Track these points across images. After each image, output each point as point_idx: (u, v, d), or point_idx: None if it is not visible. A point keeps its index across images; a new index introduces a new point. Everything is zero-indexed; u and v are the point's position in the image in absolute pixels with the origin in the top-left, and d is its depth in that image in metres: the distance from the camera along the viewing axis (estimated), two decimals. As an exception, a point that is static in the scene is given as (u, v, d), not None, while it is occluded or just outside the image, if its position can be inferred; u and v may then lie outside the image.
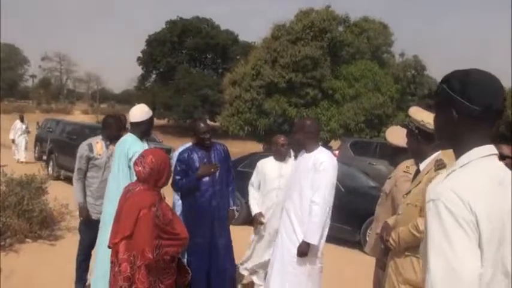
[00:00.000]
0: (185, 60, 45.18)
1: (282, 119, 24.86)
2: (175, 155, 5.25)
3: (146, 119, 4.47)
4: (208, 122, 9.64)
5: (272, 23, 27.21)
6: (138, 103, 4.69)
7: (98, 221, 4.84)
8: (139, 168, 2.93)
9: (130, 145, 4.33)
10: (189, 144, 5.37)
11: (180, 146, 5.79)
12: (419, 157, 3.02)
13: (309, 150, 4.27)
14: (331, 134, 24.56)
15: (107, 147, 5.06)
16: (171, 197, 5.62)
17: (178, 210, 5.21)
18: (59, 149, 14.45)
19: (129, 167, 4.16)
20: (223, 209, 4.73)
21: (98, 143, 5.06)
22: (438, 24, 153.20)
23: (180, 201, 5.18)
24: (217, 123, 31.22)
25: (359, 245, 7.79)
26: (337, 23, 26.78)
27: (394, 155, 3.96)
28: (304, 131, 4.28)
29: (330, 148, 17.41)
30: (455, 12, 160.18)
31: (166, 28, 46.24)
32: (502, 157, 1.54)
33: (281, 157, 5.39)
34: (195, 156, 4.67)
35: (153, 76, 48.57)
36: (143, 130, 4.49)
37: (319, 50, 25.13)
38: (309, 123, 4.37)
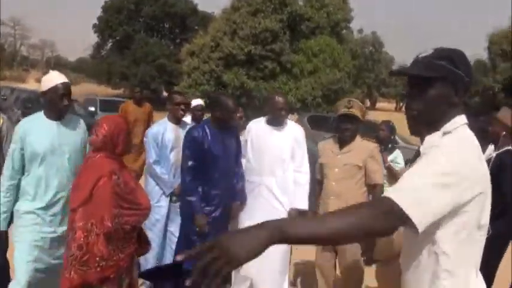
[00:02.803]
0: (142, 28, 44.05)
1: (240, 91, 24.86)
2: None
3: (45, 90, 3.29)
4: (165, 93, 9.24)
5: (232, -7, 26.99)
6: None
7: None
8: (94, 136, 2.92)
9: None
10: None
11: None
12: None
13: (282, 125, 4.26)
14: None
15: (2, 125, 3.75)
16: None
17: (155, 197, 4.50)
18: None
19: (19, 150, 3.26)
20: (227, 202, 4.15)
21: (1, 119, 3.75)
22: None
23: (156, 187, 4.56)
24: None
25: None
26: (297, -4, 26.79)
27: (346, 128, 3.80)
28: (276, 107, 4.19)
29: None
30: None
31: (123, -6, 44.82)
32: None
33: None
34: (209, 139, 3.95)
35: (109, 44, 47.19)
36: (45, 105, 3.34)
37: (278, 23, 25.14)
38: (280, 99, 4.25)
